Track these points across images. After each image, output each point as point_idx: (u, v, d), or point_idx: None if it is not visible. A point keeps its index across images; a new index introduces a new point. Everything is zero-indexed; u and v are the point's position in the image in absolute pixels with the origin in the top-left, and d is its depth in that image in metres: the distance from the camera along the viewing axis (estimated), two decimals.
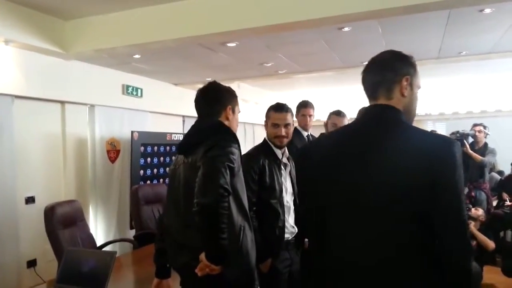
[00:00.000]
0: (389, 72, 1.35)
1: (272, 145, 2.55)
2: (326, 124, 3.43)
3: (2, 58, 3.94)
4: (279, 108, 2.57)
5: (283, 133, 2.51)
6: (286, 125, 2.52)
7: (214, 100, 1.95)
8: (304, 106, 3.72)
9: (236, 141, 1.82)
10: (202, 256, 1.66)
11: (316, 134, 3.78)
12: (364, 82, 1.41)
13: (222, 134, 1.81)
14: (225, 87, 2.02)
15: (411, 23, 3.89)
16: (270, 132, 2.56)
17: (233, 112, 1.97)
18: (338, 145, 1.36)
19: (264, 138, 2.62)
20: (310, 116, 3.76)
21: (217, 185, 1.59)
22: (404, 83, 1.34)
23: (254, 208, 2.39)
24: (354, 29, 3.95)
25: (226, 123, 1.91)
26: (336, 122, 3.29)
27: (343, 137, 1.39)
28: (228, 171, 1.64)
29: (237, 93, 2.09)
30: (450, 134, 6.26)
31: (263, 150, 2.55)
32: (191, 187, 1.69)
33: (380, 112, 1.33)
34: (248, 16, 3.54)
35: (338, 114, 3.34)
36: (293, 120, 2.61)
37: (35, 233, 4.19)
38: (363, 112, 1.41)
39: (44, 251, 4.26)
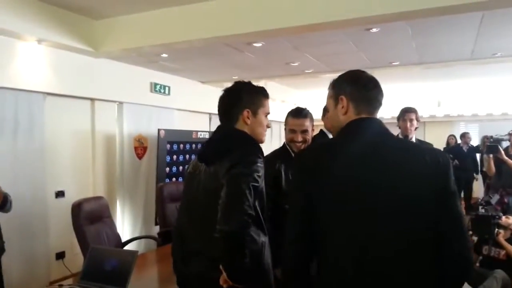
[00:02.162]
0: (382, 94, 1.46)
1: (290, 150, 2.52)
2: None
3: (35, 56, 4.07)
4: (296, 114, 2.51)
5: (299, 139, 2.46)
6: (303, 131, 2.47)
7: (231, 103, 1.84)
8: None
9: (261, 155, 1.74)
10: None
11: None
12: (370, 93, 1.44)
13: (246, 147, 1.72)
14: (248, 88, 1.87)
15: (442, 24, 3.78)
16: (287, 137, 2.53)
17: (254, 115, 1.83)
18: (343, 158, 1.36)
19: (284, 142, 2.59)
20: None
21: (241, 211, 1.53)
22: None
23: (269, 213, 2.37)
24: (382, 30, 3.87)
25: (246, 128, 1.81)
26: None
27: (349, 150, 1.37)
28: (252, 192, 1.58)
29: None
30: (483, 138, 6.03)
31: (281, 154, 2.52)
32: (211, 198, 1.64)
33: (383, 126, 1.42)
34: (275, 17, 3.52)
35: None
36: (313, 125, 2.55)
37: (64, 226, 4.32)
38: (364, 125, 1.40)
39: (72, 244, 4.39)
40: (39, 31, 3.83)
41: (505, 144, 5.19)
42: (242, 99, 1.82)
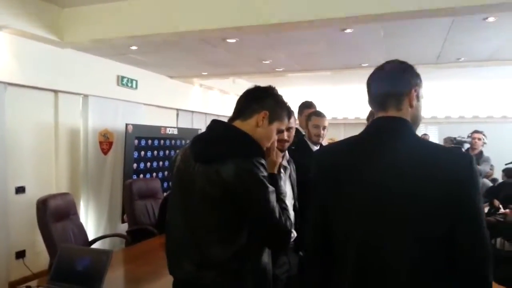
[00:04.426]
0: (399, 83, 1.35)
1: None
2: (306, 126, 3.37)
3: None
4: None
5: (286, 137, 2.45)
6: (289, 129, 2.46)
7: (253, 99, 1.71)
8: (308, 107, 3.67)
9: (264, 158, 1.65)
10: None
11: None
12: (372, 92, 1.39)
13: (249, 150, 1.61)
14: (277, 96, 1.76)
15: (413, 27, 3.89)
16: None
17: (270, 122, 1.69)
18: (352, 157, 1.34)
19: None
20: None
21: (275, 215, 1.56)
22: (414, 94, 1.35)
23: None
24: (356, 31, 3.93)
25: (253, 131, 1.65)
26: (318, 124, 3.24)
27: (356, 150, 1.36)
28: (270, 195, 1.58)
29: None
30: (446, 139, 6.22)
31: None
32: (207, 202, 1.57)
33: (393, 124, 1.33)
34: (251, 13, 3.49)
35: (318, 115, 3.27)
36: (295, 123, 2.56)
37: (25, 224, 4.12)
38: (373, 124, 1.38)
39: (33, 242, 4.20)
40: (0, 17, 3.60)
41: (466, 146, 5.43)
42: (266, 100, 1.71)
